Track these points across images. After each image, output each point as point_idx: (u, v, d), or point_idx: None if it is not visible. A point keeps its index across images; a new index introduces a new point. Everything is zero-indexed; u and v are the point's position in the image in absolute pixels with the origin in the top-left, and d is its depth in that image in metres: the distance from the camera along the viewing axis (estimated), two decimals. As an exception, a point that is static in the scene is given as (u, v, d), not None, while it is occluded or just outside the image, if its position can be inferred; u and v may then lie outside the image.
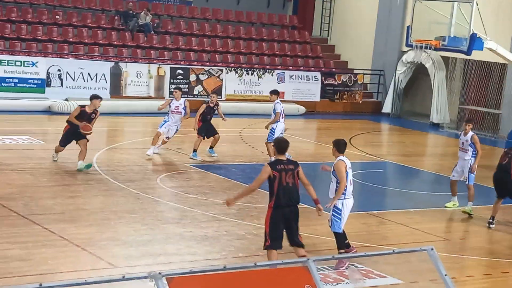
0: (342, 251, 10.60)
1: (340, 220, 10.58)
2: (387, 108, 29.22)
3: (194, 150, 17.26)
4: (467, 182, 14.66)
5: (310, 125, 26.49)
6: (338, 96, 29.15)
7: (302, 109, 27.44)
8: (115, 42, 27.00)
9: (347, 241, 10.74)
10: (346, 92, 29.28)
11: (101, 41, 26.80)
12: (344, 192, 10.54)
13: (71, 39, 26.27)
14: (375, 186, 16.66)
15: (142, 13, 27.70)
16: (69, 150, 17.12)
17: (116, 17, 28.02)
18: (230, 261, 10.57)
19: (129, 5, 28.06)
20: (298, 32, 31.75)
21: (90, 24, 27.28)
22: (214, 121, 17.89)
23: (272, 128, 17.25)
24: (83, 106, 15.67)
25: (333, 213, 10.62)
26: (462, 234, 13.44)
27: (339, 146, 10.68)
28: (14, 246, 10.45)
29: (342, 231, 10.61)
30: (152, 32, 27.83)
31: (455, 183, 14.77)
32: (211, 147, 17.78)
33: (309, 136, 24.02)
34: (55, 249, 10.51)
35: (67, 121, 15.68)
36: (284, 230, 9.61)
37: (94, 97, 15.79)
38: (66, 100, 23.44)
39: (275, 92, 17.81)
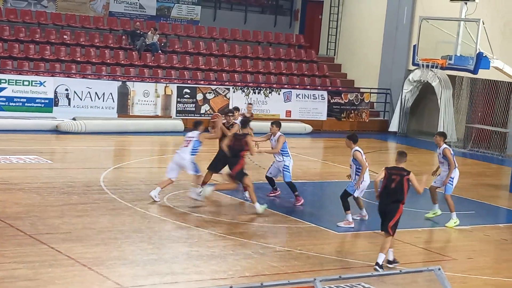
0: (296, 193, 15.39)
1: (289, 173, 15.43)
2: (393, 126, 29.22)
3: None
4: (444, 193, 14.93)
5: (317, 144, 26.49)
6: (344, 114, 29.16)
7: (308, 128, 27.46)
8: (122, 62, 27.13)
9: (296, 192, 15.35)
10: (352, 111, 29.29)
11: (108, 61, 26.93)
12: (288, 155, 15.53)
13: (78, 59, 26.41)
14: (382, 205, 16.59)
15: (149, 32, 27.85)
16: (76, 170, 17.20)
17: (123, 37, 28.17)
18: (236, 280, 10.55)
19: (136, 24, 28.21)
20: (304, 51, 31.84)
21: (97, 44, 27.43)
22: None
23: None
24: None
25: (283, 168, 15.40)
26: (469, 254, 13.37)
27: None
28: (21, 265, 10.45)
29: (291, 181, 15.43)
30: (159, 51, 27.95)
31: (435, 190, 15.01)
32: None
33: (315, 155, 24.01)
34: (62, 268, 10.51)
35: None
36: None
37: None
38: (74, 119, 23.53)
39: None
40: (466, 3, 19.36)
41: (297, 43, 32.21)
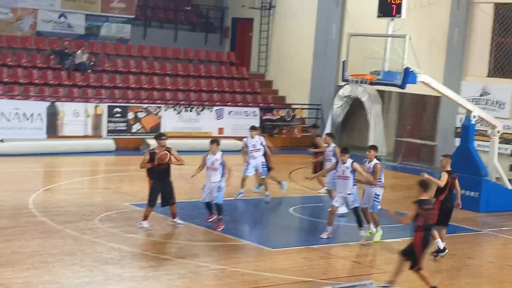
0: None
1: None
2: (325, 142, 29.46)
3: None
4: (372, 210, 15.17)
5: (250, 160, 26.46)
6: (277, 131, 29.32)
7: (241, 145, 27.46)
8: (51, 82, 26.69)
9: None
10: (284, 127, 29.48)
11: (36, 81, 26.47)
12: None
13: (5, 79, 25.88)
14: (314, 220, 16.73)
15: (79, 51, 27.50)
16: (5, 192, 16.85)
17: (51, 56, 27.74)
18: (171, 301, 10.45)
19: (65, 44, 27.83)
20: (236, 68, 31.93)
21: (25, 64, 26.94)
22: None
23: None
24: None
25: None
26: (401, 266, 13.52)
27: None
28: None
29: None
30: (89, 70, 27.63)
31: (366, 211, 15.22)
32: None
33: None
34: (-10, 295, 10.25)
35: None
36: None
37: None
38: (1, 141, 23.04)
39: None
40: (393, 20, 19.71)
41: (228, 61, 32.28)
